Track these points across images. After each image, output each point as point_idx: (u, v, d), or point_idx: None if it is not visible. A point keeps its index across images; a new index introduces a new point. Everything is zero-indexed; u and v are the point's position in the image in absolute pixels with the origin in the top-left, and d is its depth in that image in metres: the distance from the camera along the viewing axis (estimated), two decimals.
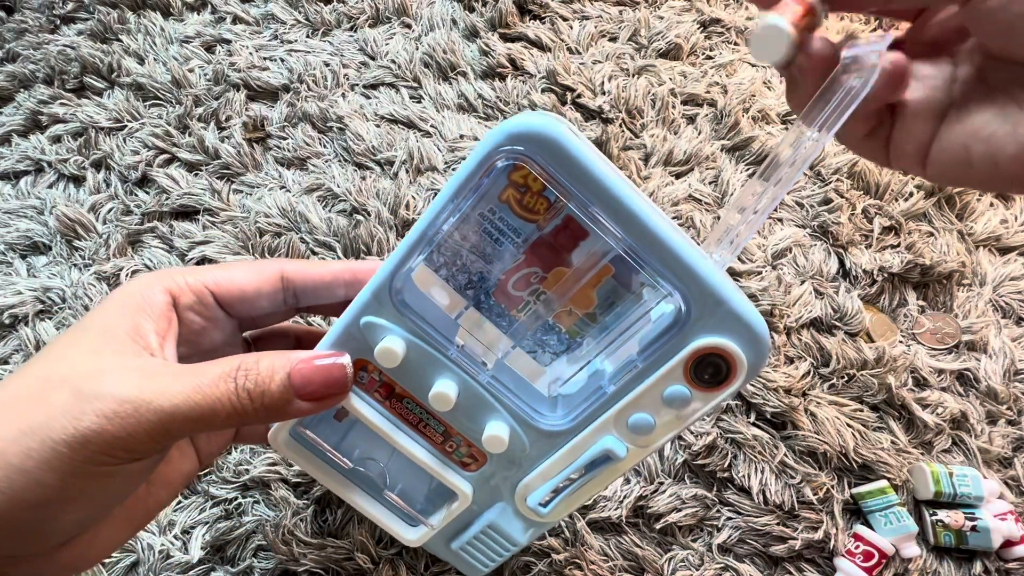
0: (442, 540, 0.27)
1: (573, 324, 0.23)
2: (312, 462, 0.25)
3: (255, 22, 0.53)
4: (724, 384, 0.21)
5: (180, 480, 0.25)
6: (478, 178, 0.19)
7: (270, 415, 0.20)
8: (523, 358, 0.24)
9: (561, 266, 0.21)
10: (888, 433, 0.40)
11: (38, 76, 0.50)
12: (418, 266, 0.21)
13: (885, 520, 0.37)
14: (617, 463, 0.23)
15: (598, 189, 0.19)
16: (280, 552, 0.35)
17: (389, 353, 0.21)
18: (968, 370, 0.42)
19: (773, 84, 0.51)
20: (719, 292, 0.20)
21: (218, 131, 0.47)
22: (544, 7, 0.53)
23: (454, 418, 0.23)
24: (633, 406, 0.22)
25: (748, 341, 0.20)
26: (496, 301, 0.22)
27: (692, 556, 0.37)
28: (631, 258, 0.20)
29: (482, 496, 0.25)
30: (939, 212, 0.47)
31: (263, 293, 0.25)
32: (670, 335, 0.21)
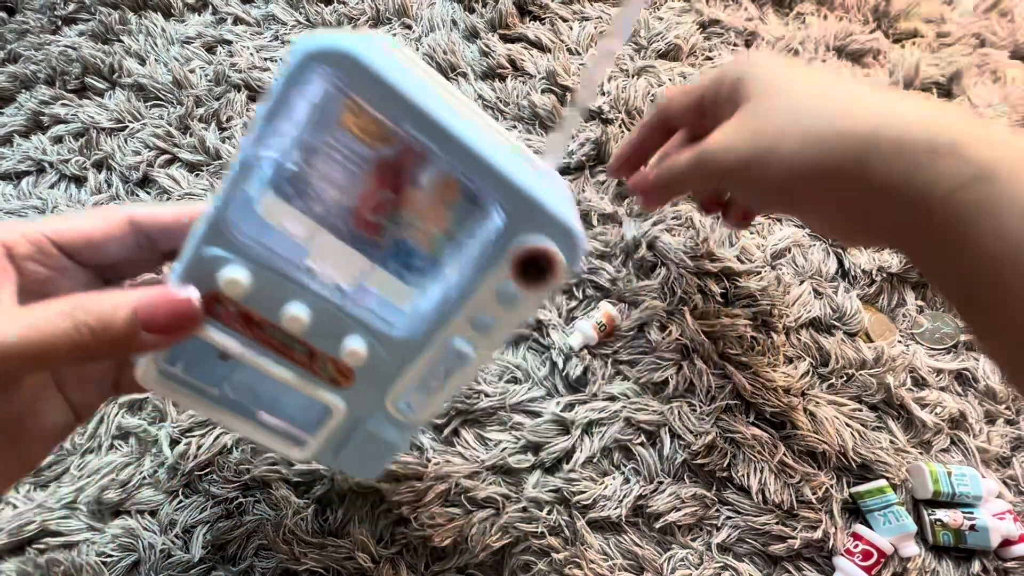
0: (330, 452, 0.28)
1: (432, 243, 0.23)
2: (186, 396, 0.26)
3: (256, 23, 0.53)
4: (547, 280, 0.22)
5: (54, 432, 0.25)
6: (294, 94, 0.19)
7: (117, 349, 0.20)
8: (389, 281, 0.24)
9: (412, 186, 0.22)
10: (887, 433, 0.40)
11: (39, 77, 0.50)
12: (265, 197, 0.21)
13: (884, 519, 0.37)
14: (469, 363, 0.25)
15: (405, 105, 0.19)
16: (281, 551, 0.35)
17: (233, 283, 0.22)
18: (967, 370, 0.42)
19: None
20: (532, 197, 0.21)
21: (219, 132, 0.47)
22: (544, 8, 0.53)
23: (314, 338, 0.24)
24: (472, 308, 0.24)
25: (564, 242, 0.22)
26: (356, 228, 0.23)
27: (691, 555, 0.37)
28: (457, 173, 0.21)
29: (356, 409, 0.27)
30: None
31: (111, 238, 0.24)
32: (501, 239, 0.22)
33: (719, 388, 0.40)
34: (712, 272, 0.43)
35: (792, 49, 0.53)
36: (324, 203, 0.22)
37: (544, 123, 0.48)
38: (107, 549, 0.35)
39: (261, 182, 0.21)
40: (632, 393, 0.39)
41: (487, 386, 0.39)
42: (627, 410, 0.39)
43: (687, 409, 0.39)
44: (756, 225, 0.46)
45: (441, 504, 0.37)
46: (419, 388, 0.26)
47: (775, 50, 0.53)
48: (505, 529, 0.36)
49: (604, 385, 0.40)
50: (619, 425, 0.38)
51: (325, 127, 0.20)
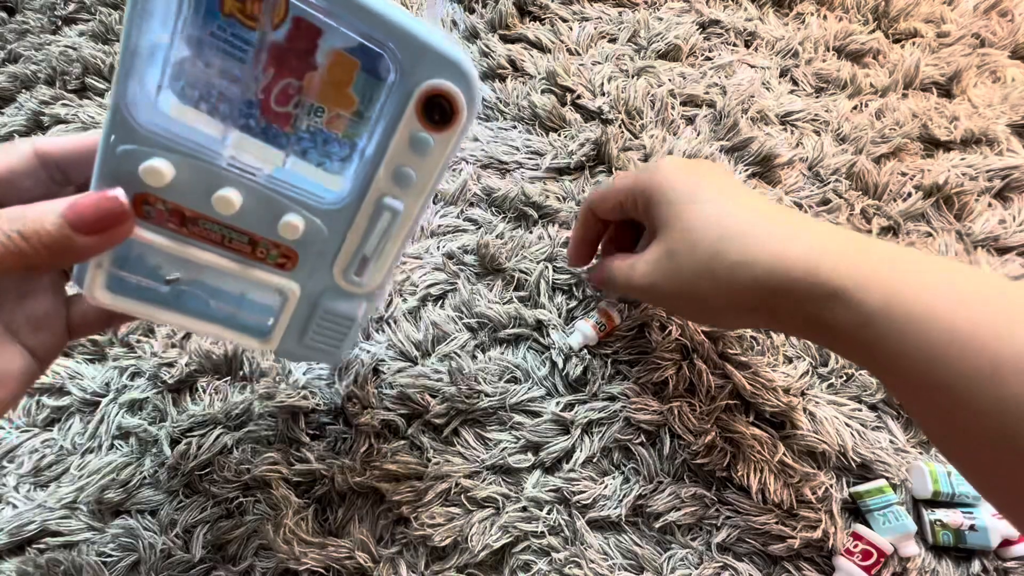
0: (293, 341, 0.29)
1: (346, 127, 0.24)
2: (139, 306, 0.26)
3: None
4: (453, 121, 0.23)
5: (14, 380, 0.25)
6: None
7: (55, 256, 0.21)
8: (315, 172, 0.25)
9: (311, 71, 0.22)
10: (887, 432, 0.40)
11: (40, 77, 0.50)
12: (170, 100, 0.21)
13: (884, 519, 0.37)
14: (401, 216, 0.25)
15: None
16: (281, 551, 0.35)
17: (153, 171, 0.22)
18: None
19: (772, 85, 0.51)
20: (420, 38, 0.21)
21: None
22: (544, 8, 0.53)
23: (248, 223, 0.24)
24: (391, 162, 0.24)
25: (458, 77, 0.22)
26: (267, 121, 0.23)
27: (691, 555, 0.37)
28: (353, 33, 0.21)
29: (308, 288, 0.27)
30: (937, 212, 0.47)
31: (19, 171, 0.24)
32: (399, 91, 0.22)
33: (719, 388, 0.40)
34: None
35: (792, 49, 0.53)
36: (229, 101, 0.22)
37: (544, 123, 0.48)
38: (107, 549, 0.35)
39: (156, 81, 0.21)
40: (632, 393, 0.39)
41: (487, 386, 0.39)
42: (627, 410, 0.39)
43: (687, 409, 0.39)
44: None
45: (441, 504, 0.37)
46: (362, 254, 0.27)
47: (774, 51, 0.53)
48: (505, 529, 0.36)
49: (604, 385, 0.40)
50: (619, 425, 0.39)
51: (208, 17, 0.20)
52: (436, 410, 0.38)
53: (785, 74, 0.53)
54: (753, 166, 0.48)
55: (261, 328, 0.29)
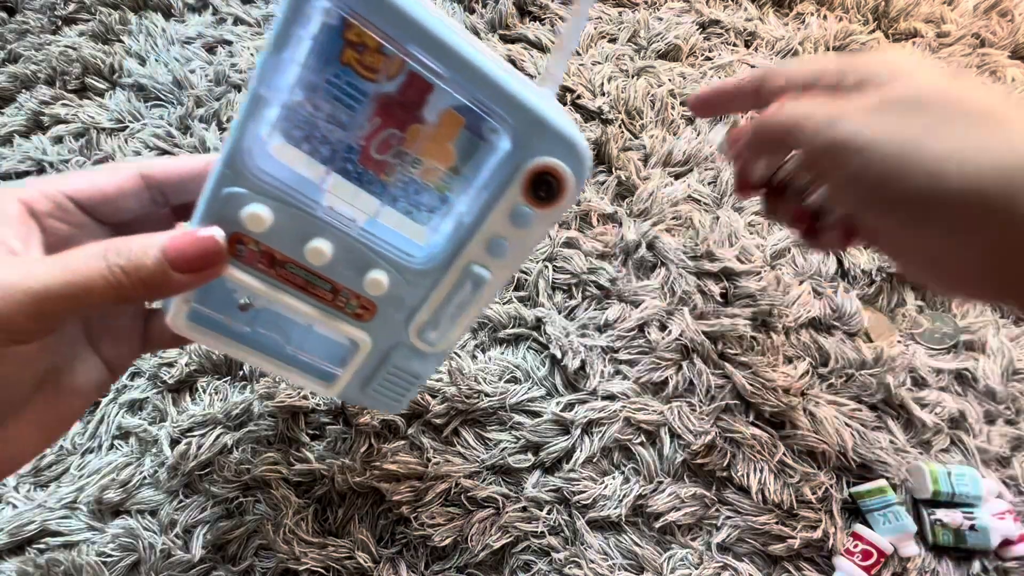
0: (357, 387, 0.29)
1: (439, 180, 0.24)
2: (217, 339, 0.27)
3: (256, 23, 0.53)
4: (558, 199, 0.23)
5: (90, 388, 0.26)
6: (294, 28, 0.19)
7: (150, 290, 0.21)
8: (401, 220, 0.25)
9: (416, 123, 0.22)
10: (887, 433, 0.40)
11: (40, 77, 0.50)
12: (275, 142, 0.22)
13: (883, 519, 0.37)
14: (487, 286, 0.26)
15: (413, 26, 0.19)
16: (281, 551, 0.35)
17: (255, 218, 0.22)
18: (966, 370, 0.42)
19: None
20: (540, 115, 0.21)
21: (219, 132, 0.47)
22: (544, 8, 0.53)
23: (335, 272, 0.25)
24: (487, 232, 0.24)
25: (570, 157, 0.22)
26: (364, 167, 0.23)
27: (691, 555, 0.37)
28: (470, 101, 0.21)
29: (380, 342, 0.27)
30: None
31: (125, 192, 0.25)
32: (511, 162, 0.23)
33: (719, 388, 0.40)
34: (712, 272, 0.43)
35: (792, 49, 0.53)
36: (331, 144, 0.22)
37: None
38: (107, 549, 0.35)
39: (270, 124, 0.22)
40: (632, 393, 0.39)
41: (487, 386, 0.39)
42: (627, 410, 0.39)
43: (687, 409, 0.39)
44: (756, 226, 0.46)
45: (441, 504, 0.37)
46: (440, 316, 0.27)
47: (774, 51, 0.53)
48: (505, 529, 0.36)
49: (604, 384, 0.40)
50: (619, 425, 0.39)
51: (326, 64, 0.20)
52: (436, 410, 0.38)
53: None
54: None
55: (328, 373, 0.29)
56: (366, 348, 0.27)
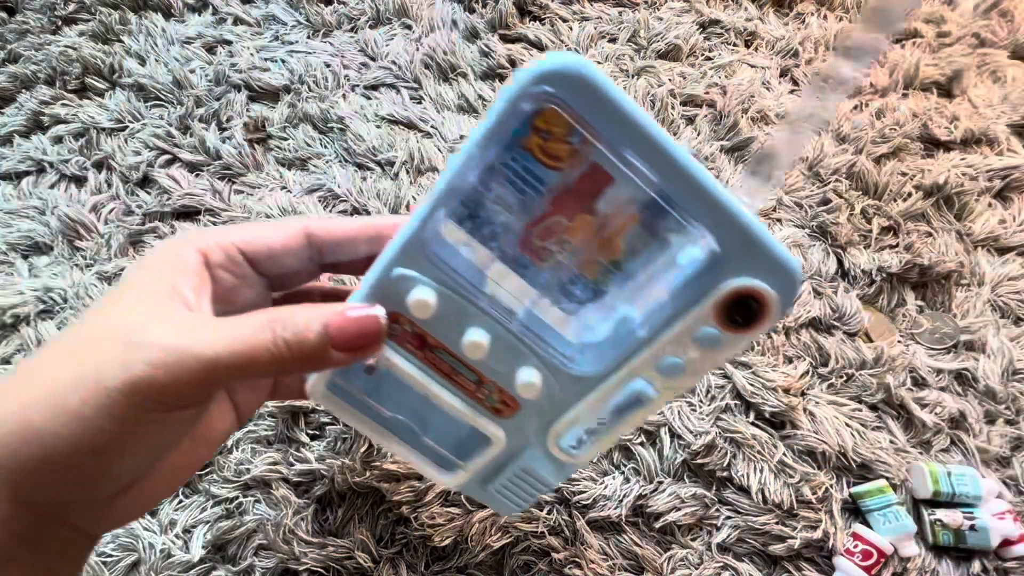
0: (477, 483, 0.27)
1: (599, 272, 0.22)
2: (349, 412, 0.26)
3: (256, 23, 0.53)
4: (755, 325, 0.21)
5: (219, 437, 0.26)
6: (506, 124, 0.19)
7: (307, 364, 0.21)
8: (549, 307, 0.23)
9: (586, 214, 0.21)
10: (887, 433, 0.40)
11: (40, 77, 0.50)
12: (446, 222, 0.21)
13: (884, 519, 0.37)
14: (647, 405, 0.23)
15: (634, 130, 0.18)
16: (281, 551, 0.35)
17: (422, 304, 0.22)
18: (966, 370, 0.42)
19: (772, 85, 0.51)
20: (753, 232, 0.19)
21: (219, 132, 0.47)
22: (544, 8, 0.53)
23: (486, 366, 0.24)
24: (663, 349, 0.22)
25: (780, 281, 0.20)
26: (521, 252, 0.22)
27: (691, 555, 0.37)
28: (663, 201, 0.20)
29: (515, 440, 0.26)
30: (938, 212, 0.47)
31: (290, 250, 0.25)
32: (703, 278, 0.21)
33: (719, 388, 0.40)
34: None
35: (792, 49, 0.53)
36: (493, 226, 0.21)
37: None
38: (107, 549, 0.35)
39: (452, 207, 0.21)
40: None
41: None
42: None
43: (687, 409, 0.39)
44: None
45: (441, 504, 0.37)
46: (587, 427, 0.25)
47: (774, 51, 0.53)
48: (505, 529, 0.36)
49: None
50: None
51: (506, 147, 0.19)
52: None
53: (785, 74, 0.53)
54: (753, 165, 0.48)
55: (450, 462, 0.27)
56: (499, 445, 0.26)
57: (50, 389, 0.19)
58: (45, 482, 0.19)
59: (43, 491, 0.19)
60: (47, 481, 0.19)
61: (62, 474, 0.19)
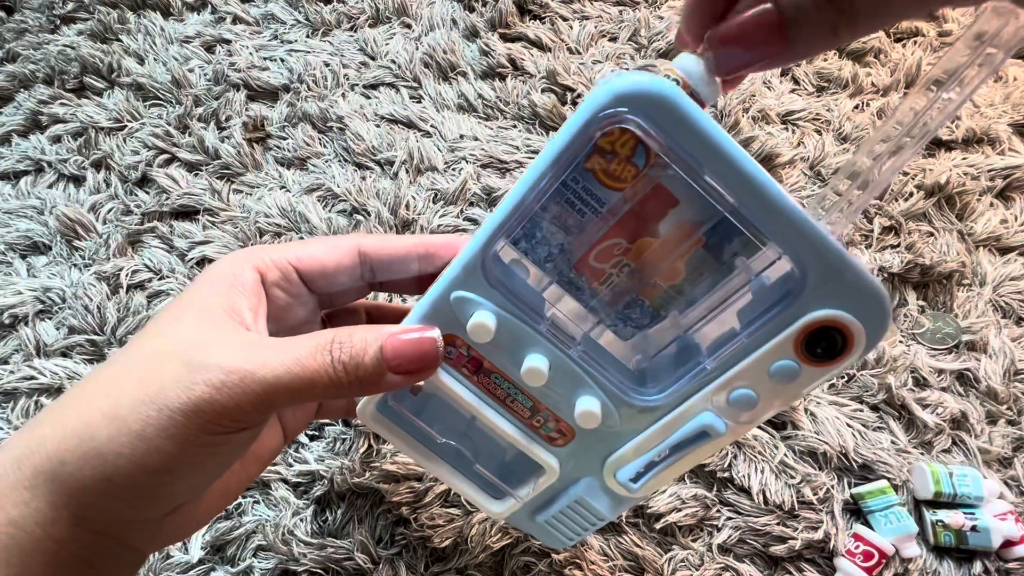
0: (526, 513, 0.27)
1: (658, 297, 0.21)
2: (399, 436, 0.25)
3: (255, 22, 0.53)
4: (838, 359, 0.20)
5: (268, 455, 0.26)
6: (579, 144, 0.18)
7: (363, 387, 0.21)
8: (605, 332, 0.23)
9: (647, 236, 0.20)
10: (888, 433, 0.40)
11: (38, 76, 0.50)
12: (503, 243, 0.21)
13: (885, 520, 0.37)
14: (715, 440, 0.22)
15: (715, 151, 0.18)
16: (280, 552, 0.35)
17: (482, 328, 0.21)
18: (968, 370, 0.42)
19: (773, 84, 0.51)
20: (841, 260, 0.18)
21: (218, 131, 0.47)
22: (544, 7, 0.53)
23: (543, 393, 0.23)
24: (735, 381, 0.21)
25: (869, 313, 0.19)
26: (577, 274, 0.21)
27: (692, 556, 0.37)
28: (736, 221, 0.19)
29: (569, 471, 0.25)
30: (939, 212, 0.47)
31: (342, 268, 0.25)
32: (781, 307, 0.19)
33: None
34: None
35: None
36: (549, 246, 0.21)
37: (544, 123, 0.48)
38: None
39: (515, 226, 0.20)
40: None
41: None
42: None
43: None
44: None
45: (441, 504, 0.37)
46: (646, 459, 0.24)
47: None
48: (505, 530, 0.36)
49: None
50: None
51: (567, 167, 0.19)
52: None
53: (786, 73, 0.52)
54: None
55: (499, 490, 0.26)
56: (552, 476, 0.25)
57: (112, 408, 0.19)
58: (104, 502, 0.19)
59: (102, 511, 0.19)
60: (106, 501, 0.19)
61: (121, 493, 0.19)
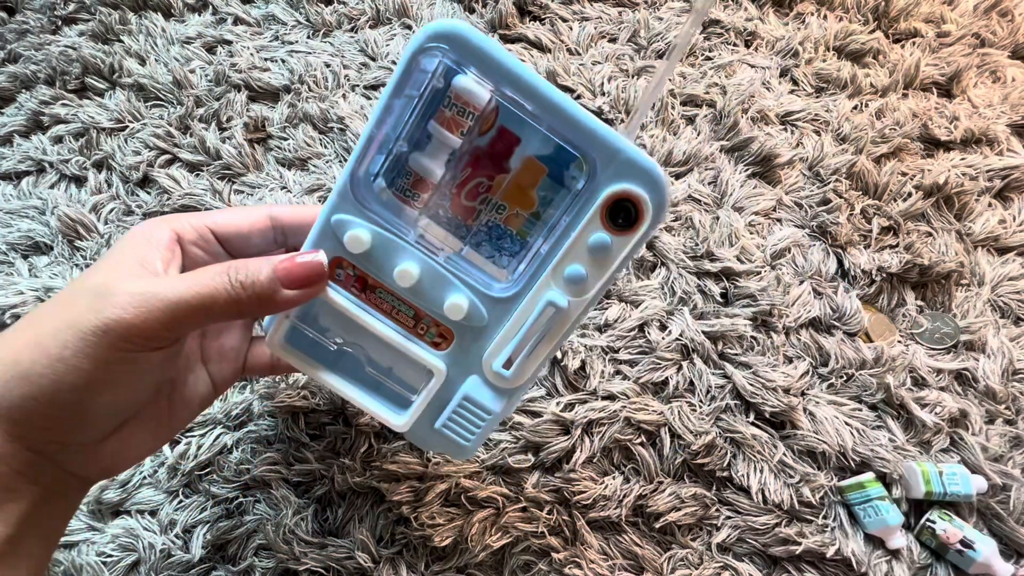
0: (425, 425, 0.29)
1: (521, 225, 0.26)
2: (304, 360, 0.29)
3: (256, 23, 0.53)
4: (636, 225, 0.24)
5: (197, 403, 0.29)
6: (408, 79, 0.23)
7: (261, 304, 0.24)
8: (484, 263, 0.27)
9: (502, 173, 0.25)
10: (886, 432, 0.40)
11: (40, 77, 0.50)
12: (380, 183, 0.25)
13: (864, 514, 0.37)
14: (562, 314, 0.26)
15: (507, 71, 0.22)
16: (281, 551, 0.35)
17: (356, 240, 0.25)
18: (966, 370, 0.42)
19: (772, 85, 0.51)
20: (614, 144, 0.23)
21: (219, 132, 0.47)
22: (544, 8, 0.53)
23: (419, 297, 0.27)
24: (565, 260, 0.25)
25: (648, 183, 0.23)
26: (453, 212, 0.26)
27: (691, 555, 0.37)
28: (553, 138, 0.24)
29: (455, 372, 0.28)
30: (937, 212, 0.47)
31: (255, 231, 0.28)
32: (585, 191, 0.24)
33: (719, 388, 0.40)
34: (712, 272, 0.43)
35: (792, 49, 0.53)
36: (426, 190, 0.25)
37: None
38: (107, 549, 0.35)
39: (375, 165, 0.25)
40: (632, 393, 0.39)
41: None
42: (627, 410, 0.39)
43: (687, 409, 0.39)
44: (756, 226, 0.46)
45: (441, 504, 0.37)
46: (515, 347, 0.27)
47: (774, 51, 0.53)
48: (505, 529, 0.36)
49: (604, 384, 0.40)
50: (619, 425, 0.38)
51: (425, 119, 0.23)
52: None
53: (785, 74, 0.53)
54: (753, 166, 0.48)
55: (401, 403, 0.30)
56: (440, 377, 0.28)
57: (35, 337, 0.22)
58: (35, 419, 0.22)
59: (33, 428, 0.22)
60: (35, 417, 0.22)
61: (47, 410, 0.22)
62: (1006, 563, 0.37)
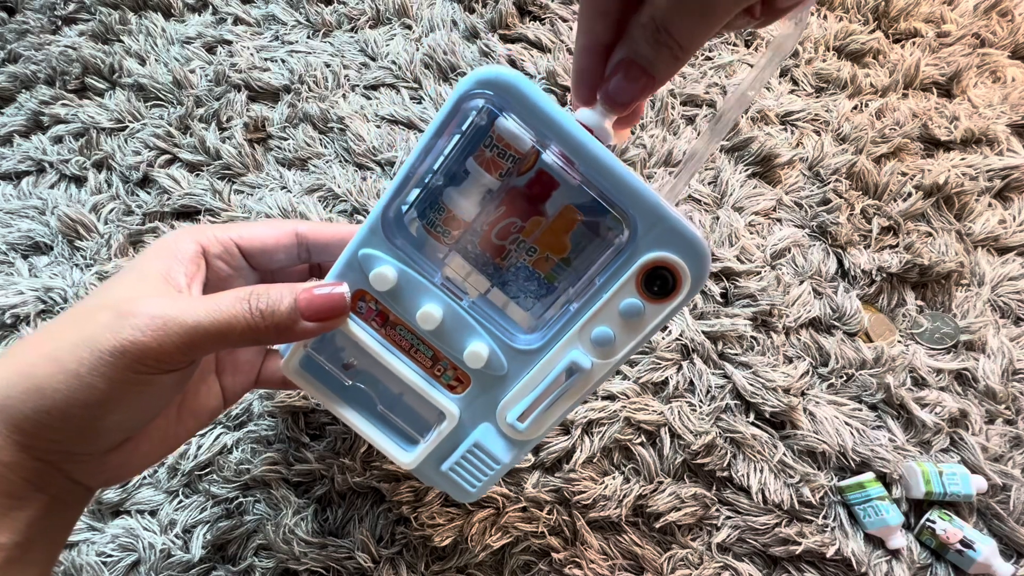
0: (432, 464, 0.29)
1: (550, 269, 0.26)
2: (317, 388, 0.29)
3: (256, 23, 0.53)
4: (672, 295, 0.24)
5: (206, 414, 0.29)
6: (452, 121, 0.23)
7: (279, 333, 0.24)
8: (507, 302, 0.26)
9: (537, 215, 0.24)
10: (886, 432, 0.40)
11: (40, 77, 0.50)
12: (412, 215, 0.25)
13: (864, 514, 0.37)
14: (585, 375, 0.25)
15: (556, 127, 0.22)
16: (281, 551, 0.35)
17: (382, 277, 0.25)
18: (966, 370, 0.42)
19: (772, 85, 0.51)
20: (659, 209, 0.23)
21: (219, 132, 0.47)
22: (544, 8, 0.53)
23: (440, 339, 0.26)
24: (594, 321, 0.25)
25: (689, 254, 0.23)
26: (483, 251, 0.25)
27: (691, 555, 0.37)
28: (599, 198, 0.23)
29: (468, 417, 0.28)
30: (937, 212, 0.47)
31: (281, 246, 0.28)
32: (623, 254, 0.24)
33: (719, 388, 0.40)
34: (712, 272, 0.43)
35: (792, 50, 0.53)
36: (457, 227, 0.25)
37: None
38: (107, 549, 0.35)
39: (409, 196, 0.25)
40: (632, 393, 0.39)
41: None
42: (627, 410, 0.39)
43: (687, 409, 0.39)
44: (756, 226, 0.46)
45: (441, 504, 0.37)
46: (532, 401, 0.26)
47: None
48: (505, 529, 0.36)
49: (603, 384, 0.40)
50: (619, 425, 0.38)
51: (464, 155, 0.23)
52: None
53: (785, 74, 0.53)
54: (753, 166, 0.48)
55: (410, 439, 0.29)
56: (452, 420, 0.27)
57: (52, 351, 0.22)
58: (45, 431, 0.22)
59: (43, 440, 0.22)
60: (46, 431, 0.22)
61: (58, 424, 0.21)
62: (1006, 563, 0.37)
